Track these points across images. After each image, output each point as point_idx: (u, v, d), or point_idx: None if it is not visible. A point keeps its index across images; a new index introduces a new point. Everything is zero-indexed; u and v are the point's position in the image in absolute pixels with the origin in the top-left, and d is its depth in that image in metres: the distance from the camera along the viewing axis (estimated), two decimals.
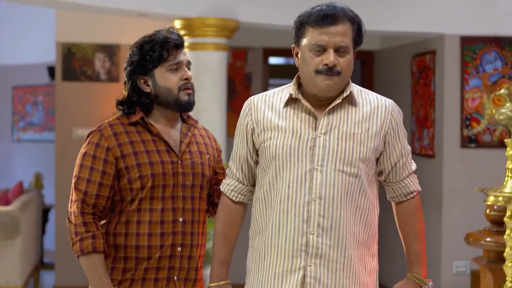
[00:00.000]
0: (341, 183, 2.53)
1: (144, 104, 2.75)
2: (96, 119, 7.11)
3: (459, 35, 6.13)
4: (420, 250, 2.73)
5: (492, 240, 4.43)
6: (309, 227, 2.52)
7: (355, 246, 2.57)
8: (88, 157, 2.67)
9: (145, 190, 2.67)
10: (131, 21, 6.93)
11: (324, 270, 2.53)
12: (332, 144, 2.54)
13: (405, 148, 2.68)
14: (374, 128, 2.60)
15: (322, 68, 2.52)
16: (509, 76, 6.13)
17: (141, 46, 2.73)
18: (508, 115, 3.86)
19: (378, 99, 2.66)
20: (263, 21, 5.73)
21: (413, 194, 2.72)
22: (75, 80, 7.17)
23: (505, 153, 6.16)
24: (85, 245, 2.64)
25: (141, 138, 2.72)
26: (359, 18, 2.60)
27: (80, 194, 2.64)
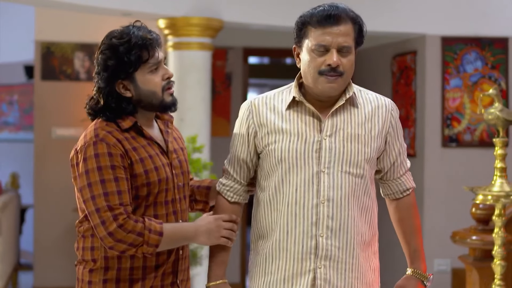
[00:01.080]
0: (347, 184, 2.55)
1: (127, 110, 2.54)
2: (76, 119, 7.07)
3: (440, 36, 6.19)
4: (419, 246, 2.75)
5: (478, 239, 4.48)
6: (318, 229, 2.53)
7: (362, 246, 2.60)
8: (106, 169, 2.45)
9: (151, 197, 2.54)
10: (111, 20, 6.86)
11: (333, 272, 2.55)
12: (338, 146, 2.55)
13: (402, 147, 2.72)
14: (376, 128, 2.62)
15: (324, 68, 2.51)
16: (489, 76, 6.20)
17: (115, 48, 2.49)
18: (496, 115, 3.91)
19: (378, 98, 2.67)
20: (247, 20, 5.74)
21: (409, 191, 2.75)
22: (54, 79, 7.11)
23: (485, 152, 6.25)
24: (155, 229, 2.47)
25: (139, 143, 2.56)
26: (361, 18, 2.59)
27: (118, 207, 2.44)
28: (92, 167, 2.46)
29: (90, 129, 2.54)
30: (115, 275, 2.53)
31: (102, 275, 2.53)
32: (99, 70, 2.53)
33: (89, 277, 2.54)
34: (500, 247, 3.92)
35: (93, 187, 2.44)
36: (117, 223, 2.43)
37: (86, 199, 2.47)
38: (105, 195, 2.44)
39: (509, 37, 6.22)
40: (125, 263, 2.53)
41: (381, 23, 6.11)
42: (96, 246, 2.53)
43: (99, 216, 2.44)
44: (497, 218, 3.92)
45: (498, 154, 3.88)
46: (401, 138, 2.71)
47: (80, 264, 2.59)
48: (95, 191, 2.44)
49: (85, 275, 2.55)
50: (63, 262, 7.07)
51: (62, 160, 7.08)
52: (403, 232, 2.77)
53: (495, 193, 3.86)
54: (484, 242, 4.46)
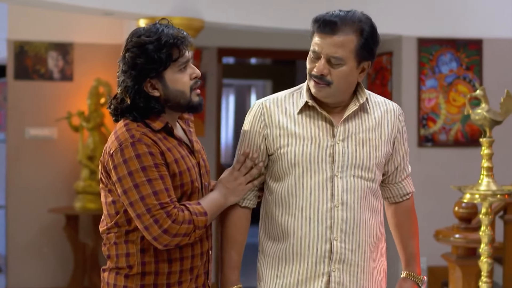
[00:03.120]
0: (360, 188, 2.57)
1: (155, 109, 2.50)
2: (50, 119, 7.00)
3: (416, 37, 6.27)
4: (415, 249, 2.80)
5: (461, 237, 4.57)
6: (333, 233, 2.55)
7: (373, 248, 2.63)
8: (150, 168, 2.41)
9: (184, 198, 2.51)
10: (85, 19, 6.85)
11: (346, 275, 2.57)
12: (351, 150, 2.57)
13: (406, 151, 2.75)
14: (386, 133, 2.64)
15: (313, 73, 2.53)
16: (464, 77, 6.31)
17: (144, 45, 2.42)
18: (483, 115, 4.00)
19: (386, 103, 2.69)
20: (228, 21, 5.75)
21: (409, 195, 2.79)
22: (28, 79, 7.02)
23: (459, 152, 6.35)
24: (200, 209, 2.48)
25: (171, 143, 2.51)
26: (371, 31, 2.52)
27: (168, 204, 2.41)
28: (136, 168, 2.41)
29: (121, 130, 2.48)
30: (153, 280, 2.50)
31: (139, 281, 2.50)
32: (126, 68, 2.47)
33: (125, 283, 2.50)
34: (487, 245, 4.00)
35: (140, 188, 2.40)
36: (171, 218, 2.40)
37: (133, 201, 2.41)
38: (154, 194, 2.40)
39: (483, 38, 6.33)
40: (162, 268, 2.50)
41: None
42: (131, 253, 2.49)
43: (151, 216, 2.40)
44: (484, 217, 4.00)
45: (485, 154, 3.96)
46: (406, 143, 2.74)
47: (112, 270, 2.54)
48: (143, 191, 2.40)
49: (120, 280, 2.51)
50: (37, 264, 7.00)
51: (35, 161, 7.03)
52: (401, 236, 2.79)
53: (482, 192, 3.94)
54: (467, 240, 4.55)
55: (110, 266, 2.55)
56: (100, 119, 6.89)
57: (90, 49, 7.10)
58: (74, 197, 6.92)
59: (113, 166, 2.45)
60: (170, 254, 2.50)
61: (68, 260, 6.96)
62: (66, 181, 7.04)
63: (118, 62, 2.54)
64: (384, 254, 2.72)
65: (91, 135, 6.87)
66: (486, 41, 6.34)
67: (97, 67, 7.09)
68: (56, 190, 7.03)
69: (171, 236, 2.41)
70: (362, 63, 2.53)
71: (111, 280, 2.53)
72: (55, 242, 7.03)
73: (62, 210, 6.83)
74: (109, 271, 2.55)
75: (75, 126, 6.90)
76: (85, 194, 6.77)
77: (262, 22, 5.83)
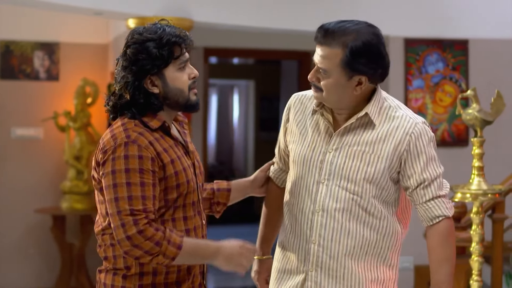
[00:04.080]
0: (343, 199, 2.59)
1: (155, 106, 2.52)
2: (36, 119, 6.97)
3: (403, 37, 6.30)
4: (443, 277, 2.62)
5: None
6: (311, 236, 2.63)
7: (361, 257, 2.62)
8: (134, 172, 2.41)
9: (180, 199, 2.51)
10: (71, 18, 6.82)
11: (325, 277, 2.63)
12: (340, 161, 2.60)
13: (427, 172, 2.59)
14: (387, 149, 2.58)
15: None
16: (450, 77, 6.35)
17: (146, 42, 2.45)
18: (474, 115, 4.03)
19: (403, 118, 2.60)
20: (217, 21, 5.75)
21: (439, 219, 2.61)
22: (13, 78, 6.98)
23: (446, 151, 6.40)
24: (174, 241, 2.42)
25: (167, 143, 2.52)
26: (360, 46, 2.49)
27: (140, 213, 2.40)
28: (120, 168, 2.42)
29: (118, 129, 2.49)
30: (151, 280, 2.51)
31: (137, 281, 2.50)
32: (127, 64, 2.48)
33: (123, 283, 2.50)
34: (478, 244, 4.04)
35: (118, 188, 2.41)
36: (137, 228, 2.39)
37: (108, 199, 2.43)
38: (129, 199, 2.40)
39: (469, 39, 6.38)
40: (160, 268, 2.50)
41: None
42: None
43: (119, 219, 2.40)
44: (475, 216, 4.04)
45: (476, 154, 4.00)
46: (425, 163, 2.58)
47: (109, 271, 2.54)
48: (119, 192, 2.41)
49: (118, 281, 2.51)
50: (24, 264, 6.97)
51: (21, 161, 6.99)
52: (430, 260, 2.66)
53: (474, 191, 3.97)
54: (457, 239, 4.57)
55: (107, 267, 2.55)
56: (86, 119, 6.87)
57: (76, 49, 7.08)
58: (60, 197, 6.89)
59: (102, 161, 2.47)
60: None
61: (55, 261, 6.93)
62: (52, 181, 7.01)
63: (117, 59, 2.56)
64: (392, 266, 2.69)
65: (78, 135, 6.85)
66: (472, 41, 6.39)
67: (83, 67, 7.07)
68: (43, 190, 7.01)
69: (131, 245, 2.39)
70: (354, 77, 2.51)
71: (109, 281, 2.53)
72: (41, 243, 7.00)
73: (48, 210, 6.80)
74: (106, 272, 2.55)
75: (62, 126, 6.88)
76: (71, 194, 6.75)
77: (252, 22, 5.84)
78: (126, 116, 2.52)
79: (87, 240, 6.79)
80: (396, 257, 2.71)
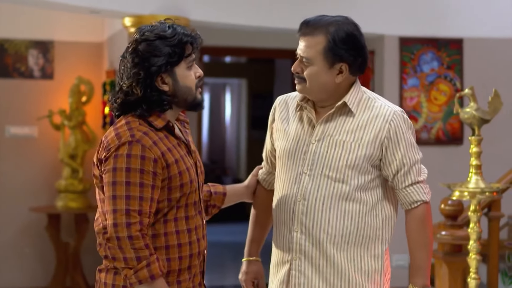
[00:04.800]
0: (325, 187, 2.68)
1: (166, 103, 2.51)
2: (30, 117, 6.96)
3: (398, 36, 6.33)
4: (421, 262, 2.72)
5: (448, 234, 4.62)
6: (293, 224, 2.72)
7: (343, 247, 2.68)
8: (135, 172, 2.40)
9: (183, 198, 2.51)
10: (66, 17, 6.81)
11: (308, 265, 2.71)
12: (323, 151, 2.69)
13: (407, 158, 2.69)
14: (368, 136, 2.67)
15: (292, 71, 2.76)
16: (445, 76, 6.38)
17: (161, 39, 2.46)
18: (472, 114, 4.05)
19: (382, 107, 2.70)
20: (213, 19, 5.76)
21: (417, 203, 2.71)
22: (8, 77, 6.96)
23: (441, 150, 6.42)
24: (154, 269, 2.40)
25: (171, 143, 2.52)
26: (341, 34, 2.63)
27: (135, 215, 2.39)
28: (121, 166, 2.41)
29: (122, 128, 2.48)
30: None
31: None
32: (139, 60, 2.48)
33: (124, 282, 2.47)
34: (475, 242, 4.06)
35: (116, 187, 2.41)
36: (128, 232, 2.39)
37: (107, 196, 2.44)
38: (126, 198, 2.40)
39: (464, 38, 6.41)
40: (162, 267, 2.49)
41: None
42: None
43: (114, 218, 2.40)
44: (473, 214, 4.05)
45: (474, 152, 4.01)
46: (405, 149, 2.69)
47: (110, 270, 2.53)
48: (117, 191, 2.41)
49: (119, 280, 2.49)
50: (19, 263, 6.96)
51: (16, 159, 6.98)
52: (409, 246, 2.75)
53: (471, 190, 3.99)
54: (454, 237, 4.60)
55: (107, 266, 2.54)
56: (81, 117, 6.86)
57: (71, 47, 7.06)
58: (55, 196, 6.88)
59: (105, 158, 2.46)
60: (169, 253, 2.51)
61: (50, 260, 6.91)
62: (47, 180, 7.00)
63: (122, 56, 2.54)
64: (376, 257, 2.72)
65: (73, 133, 6.83)
66: (467, 40, 6.43)
67: (78, 65, 7.06)
68: (37, 189, 6.99)
69: (117, 246, 2.40)
70: (335, 65, 2.63)
71: (109, 280, 2.52)
72: (36, 242, 6.99)
73: (43, 209, 6.79)
74: (107, 271, 2.54)
75: (56, 124, 6.87)
76: (67, 193, 6.74)
77: (249, 21, 5.86)
78: (131, 115, 2.51)
79: (82, 239, 6.78)
80: (381, 247, 2.73)
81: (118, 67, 2.58)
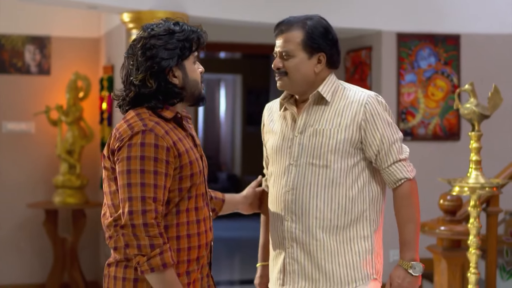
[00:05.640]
0: (311, 174, 2.82)
1: (176, 96, 2.57)
2: (27, 113, 6.95)
3: (395, 32, 6.34)
4: (407, 236, 2.83)
5: (447, 229, 4.64)
6: (285, 214, 2.85)
7: (332, 230, 2.81)
8: (149, 160, 2.44)
9: (193, 188, 2.56)
10: (63, 12, 6.79)
11: (300, 252, 2.84)
12: (305, 141, 2.84)
13: (386, 137, 2.80)
14: (345, 121, 2.81)
15: (273, 68, 2.91)
16: (442, 72, 6.40)
17: (173, 34, 2.54)
18: (472, 110, 4.06)
19: (356, 93, 2.86)
20: (211, 15, 5.76)
21: (401, 181, 2.82)
22: (4, 72, 6.94)
23: (438, 145, 6.43)
24: (166, 257, 2.43)
25: (180, 134, 2.57)
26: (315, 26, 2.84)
27: (150, 202, 2.43)
28: (136, 155, 2.45)
29: (134, 119, 2.52)
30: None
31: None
32: (151, 54, 2.52)
33: (135, 275, 2.51)
34: (475, 237, 4.07)
35: (131, 175, 2.44)
36: (144, 219, 2.42)
37: (121, 185, 2.46)
38: (141, 185, 2.43)
39: (461, 34, 6.43)
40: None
41: (338, 19, 6.18)
42: None
43: (129, 205, 2.43)
44: (473, 209, 4.07)
45: (474, 147, 4.03)
46: (383, 129, 2.80)
47: (120, 263, 2.55)
48: (132, 179, 2.44)
49: (130, 273, 2.52)
50: (16, 259, 6.94)
51: (13, 155, 6.96)
52: (397, 222, 2.88)
53: (471, 185, 4.01)
54: (453, 232, 4.62)
55: (117, 259, 2.56)
56: (79, 113, 6.85)
57: (68, 43, 7.05)
58: (53, 192, 6.87)
59: (118, 148, 2.50)
60: (180, 243, 2.54)
61: (47, 256, 6.91)
62: (44, 175, 6.99)
63: (129, 53, 2.58)
64: (366, 237, 2.83)
65: (70, 129, 6.82)
66: (464, 36, 6.45)
67: (75, 61, 7.05)
68: (35, 184, 6.98)
69: (132, 233, 2.42)
70: (314, 55, 2.84)
71: (120, 274, 2.54)
72: (34, 237, 6.98)
73: (41, 204, 6.78)
74: (116, 264, 2.56)
75: (54, 120, 6.85)
76: (64, 189, 6.73)
77: (247, 17, 5.86)
78: (139, 108, 2.55)
79: (79, 235, 6.78)
80: (369, 228, 2.85)
81: (124, 64, 2.62)
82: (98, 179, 6.92)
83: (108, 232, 2.59)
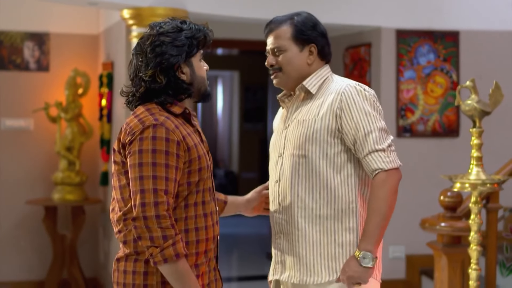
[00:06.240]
0: (292, 165, 2.88)
1: (185, 92, 2.63)
2: (26, 110, 6.94)
3: (395, 29, 6.35)
4: (369, 226, 2.76)
5: (447, 225, 4.64)
6: (274, 205, 2.96)
7: (315, 220, 2.85)
8: (160, 153, 2.48)
9: (201, 183, 2.60)
10: (61, 8, 6.78)
11: (285, 242, 2.92)
12: (290, 133, 2.93)
13: (361, 126, 2.79)
14: (323, 110, 2.85)
15: (267, 66, 2.99)
16: (441, 69, 6.41)
17: (182, 31, 2.60)
18: (473, 106, 4.07)
19: (337, 83, 2.91)
20: (211, 11, 5.75)
21: (377, 171, 2.78)
22: (3, 69, 6.93)
23: (437, 142, 6.44)
24: (179, 248, 2.47)
25: (188, 129, 2.62)
26: (303, 20, 2.94)
27: (162, 194, 2.47)
28: (147, 148, 2.49)
29: (144, 114, 2.56)
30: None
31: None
32: (160, 51, 2.57)
33: (145, 268, 2.54)
34: (476, 233, 4.08)
35: (143, 168, 2.48)
36: (156, 211, 2.46)
37: (133, 178, 2.50)
38: (153, 178, 2.47)
39: (460, 30, 6.44)
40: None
41: (337, 15, 6.22)
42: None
43: (141, 197, 2.47)
44: (474, 205, 4.08)
45: (475, 144, 4.03)
46: (359, 119, 2.79)
47: (130, 257, 2.58)
48: (144, 171, 2.48)
49: (139, 266, 2.55)
50: (15, 256, 6.94)
51: (12, 152, 6.95)
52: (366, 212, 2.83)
53: (472, 181, 4.01)
54: (453, 229, 4.63)
55: (126, 253, 2.58)
56: (78, 109, 6.85)
57: (67, 39, 7.04)
58: (52, 189, 6.87)
59: (129, 142, 2.53)
60: (188, 236, 2.57)
61: (47, 252, 6.91)
62: (43, 172, 6.99)
63: (138, 50, 2.62)
64: (350, 230, 2.83)
65: (69, 126, 6.82)
66: (463, 33, 6.45)
67: (74, 57, 7.04)
68: (34, 181, 6.98)
69: (144, 225, 2.46)
70: (305, 46, 2.93)
71: (130, 268, 2.57)
72: (33, 234, 6.98)
73: (40, 201, 6.78)
74: (126, 259, 2.58)
75: (53, 117, 6.85)
76: (63, 185, 6.72)
77: (247, 13, 5.85)
78: (149, 103, 2.60)
79: (79, 231, 6.77)
80: (355, 220, 2.83)
81: (132, 61, 2.66)
82: (97, 176, 6.92)
83: (118, 227, 2.61)
